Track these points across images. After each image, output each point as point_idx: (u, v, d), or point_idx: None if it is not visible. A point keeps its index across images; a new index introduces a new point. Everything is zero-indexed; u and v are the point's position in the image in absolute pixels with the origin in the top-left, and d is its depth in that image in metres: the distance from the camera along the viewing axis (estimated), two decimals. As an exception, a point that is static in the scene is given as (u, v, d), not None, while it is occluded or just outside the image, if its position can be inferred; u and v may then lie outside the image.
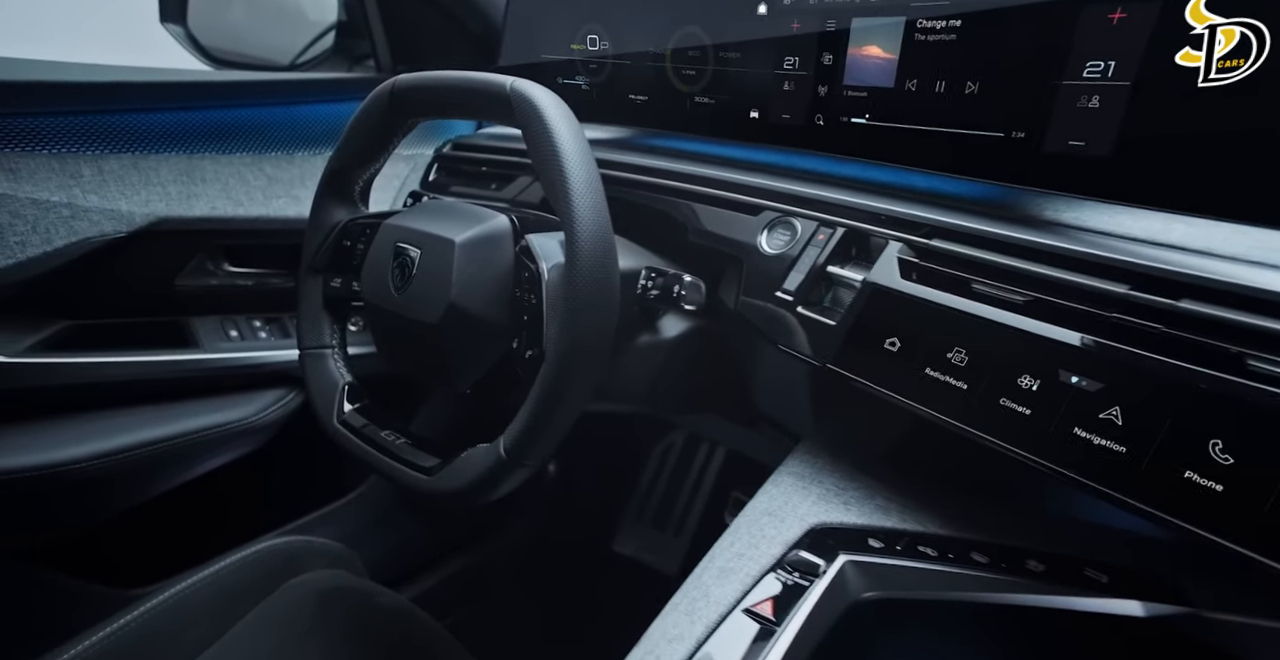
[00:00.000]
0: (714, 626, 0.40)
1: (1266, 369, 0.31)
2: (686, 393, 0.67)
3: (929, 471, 0.49)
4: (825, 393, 0.55)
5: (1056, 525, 0.42)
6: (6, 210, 0.60)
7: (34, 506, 0.66)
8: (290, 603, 0.65)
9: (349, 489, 0.96)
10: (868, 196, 0.50)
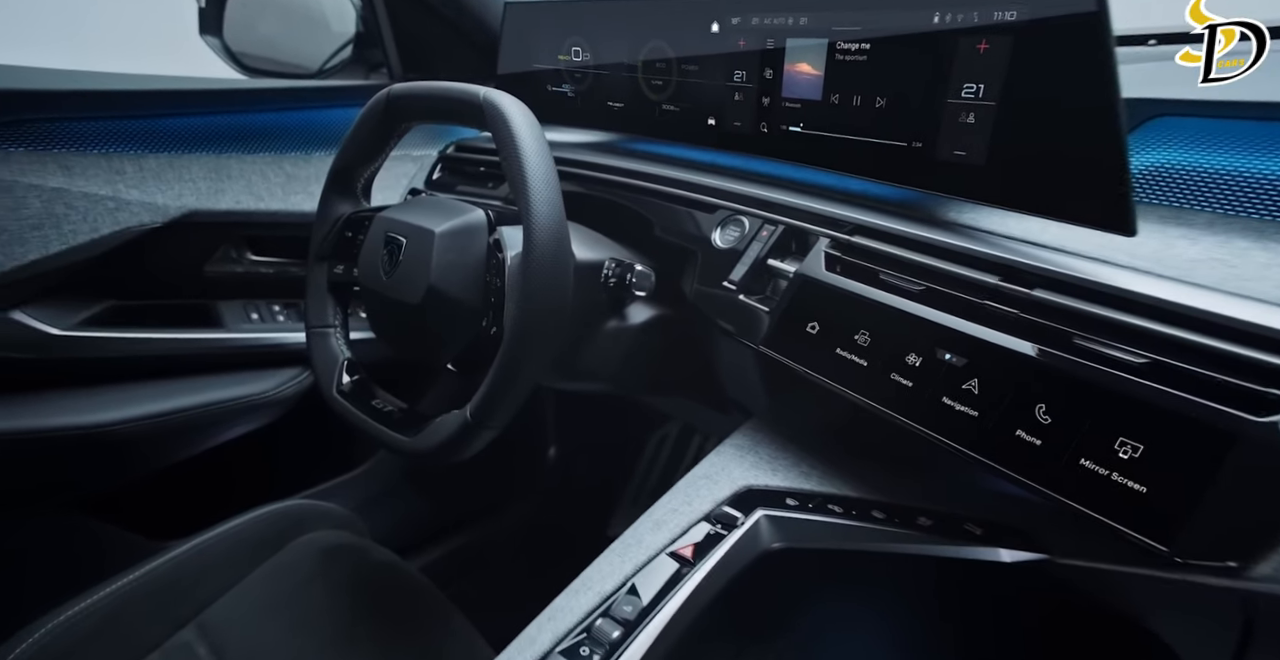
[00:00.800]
0: (641, 566, 0.46)
1: (1087, 346, 0.37)
2: (654, 376, 0.73)
3: (854, 444, 0.55)
4: (772, 374, 0.61)
5: (948, 487, 0.48)
6: (62, 202, 0.69)
7: (79, 462, 0.75)
8: (296, 557, 0.73)
9: (358, 462, 1.05)
10: (805, 197, 0.56)
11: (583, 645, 0.41)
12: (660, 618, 0.42)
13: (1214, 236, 0.41)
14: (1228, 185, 0.43)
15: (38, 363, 0.72)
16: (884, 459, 0.52)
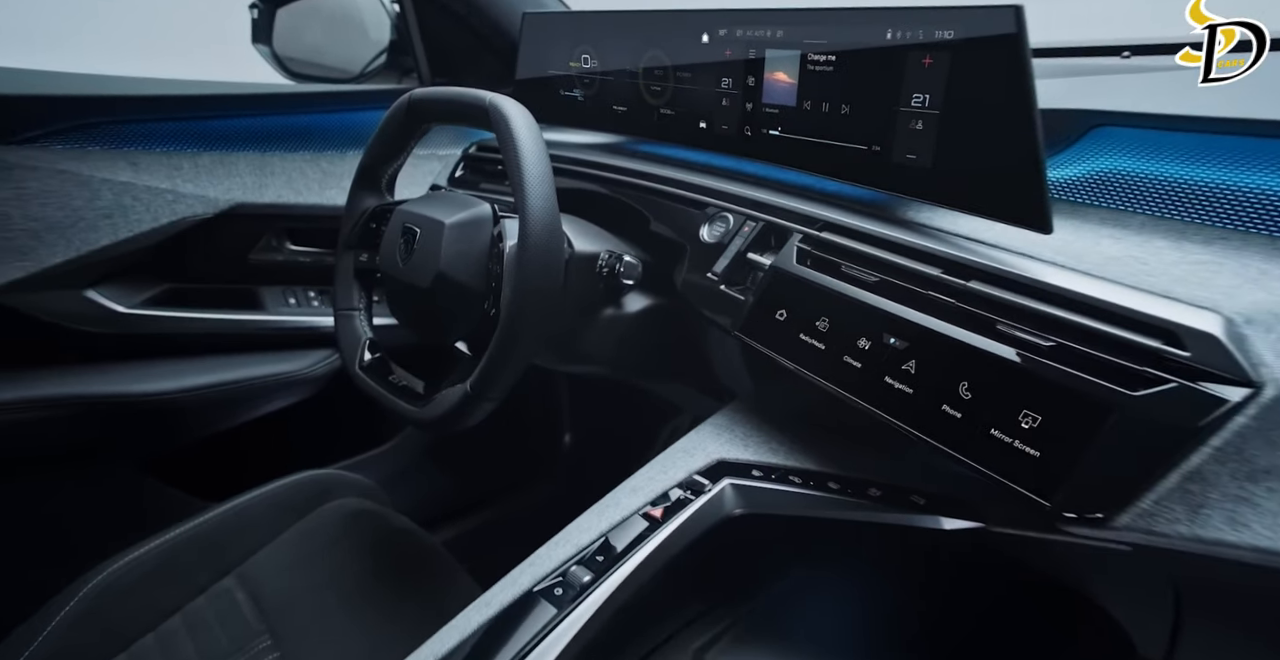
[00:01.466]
0: (616, 524, 0.52)
1: (1006, 331, 0.41)
2: (650, 362, 0.78)
3: (821, 424, 0.60)
4: (754, 362, 0.65)
5: (898, 463, 0.52)
6: (129, 194, 0.78)
7: (138, 426, 0.84)
8: (323, 521, 0.81)
9: (385, 439, 1.13)
10: (783, 196, 0.61)
11: (557, 587, 0.47)
12: (627, 567, 0.48)
13: (1138, 237, 0.44)
14: (1159, 191, 0.46)
15: (106, 337, 0.81)
16: (845, 438, 0.57)
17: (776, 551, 0.57)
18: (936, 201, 0.49)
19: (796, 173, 0.61)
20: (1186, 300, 0.37)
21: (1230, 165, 0.44)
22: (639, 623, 0.50)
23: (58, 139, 0.77)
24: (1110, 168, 0.49)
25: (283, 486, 0.83)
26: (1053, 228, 0.42)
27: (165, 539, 0.75)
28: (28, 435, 0.78)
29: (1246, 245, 0.41)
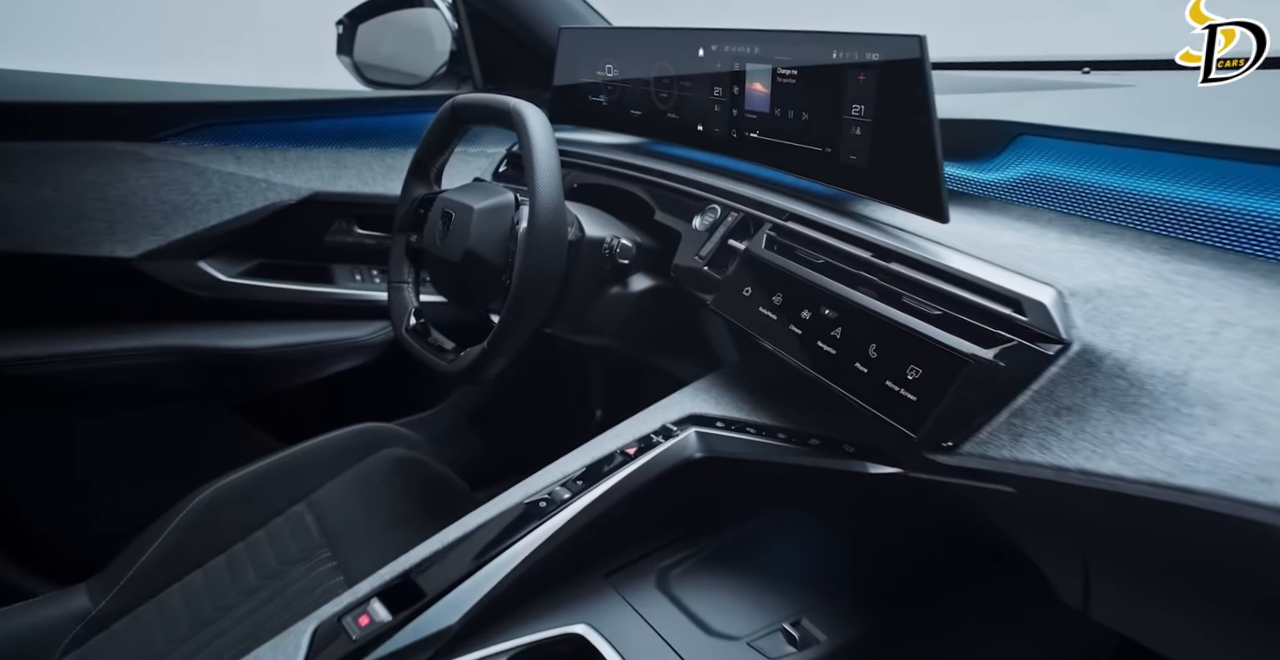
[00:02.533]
0: (598, 459, 0.63)
1: (908, 302, 0.49)
2: (653, 337, 0.89)
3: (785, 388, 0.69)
4: (737, 336, 0.75)
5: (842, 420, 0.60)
6: (232, 183, 0.95)
7: (232, 375, 1.02)
8: (376, 465, 0.95)
9: (433, 404, 1.28)
10: (761, 190, 0.70)
11: (541, 501, 0.59)
12: (598, 489, 0.59)
13: (1038, 229, 0.52)
14: (1068, 192, 0.53)
15: (210, 300, 0.98)
16: (800, 398, 0.65)
17: (739, 496, 0.67)
18: (871, 196, 0.58)
19: (773, 170, 0.70)
20: (1039, 278, 0.45)
21: (1125, 172, 0.51)
22: (610, 540, 0.61)
23: (183, 137, 0.94)
24: (1032, 171, 0.56)
25: (345, 434, 0.98)
26: (949, 218, 0.50)
27: (252, 470, 0.91)
28: (148, 377, 0.96)
29: (1121, 238, 0.48)
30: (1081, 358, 0.41)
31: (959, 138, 0.61)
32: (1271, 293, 0.40)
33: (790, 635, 0.56)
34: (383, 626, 0.49)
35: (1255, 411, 0.36)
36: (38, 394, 0.90)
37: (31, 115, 0.86)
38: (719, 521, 0.69)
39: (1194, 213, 0.46)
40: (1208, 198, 0.46)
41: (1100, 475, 0.39)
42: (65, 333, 0.91)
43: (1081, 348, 0.42)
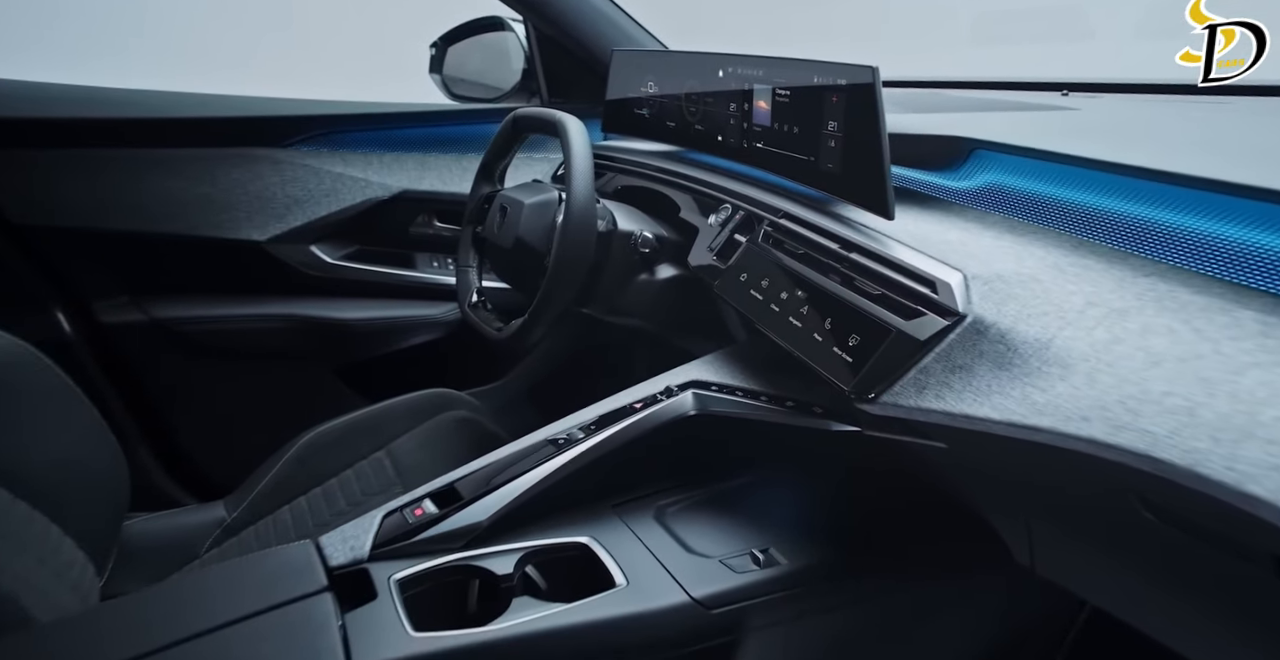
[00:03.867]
0: (608, 410, 0.76)
1: (859, 284, 0.60)
2: (677, 319, 1.01)
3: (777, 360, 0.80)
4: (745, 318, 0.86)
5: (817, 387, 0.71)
6: (339, 181, 1.15)
7: (331, 341, 1.22)
8: (443, 422, 1.12)
9: (496, 378, 1.45)
10: (763, 192, 0.82)
11: (560, 439, 0.73)
12: (606, 432, 0.72)
13: (981, 228, 0.61)
14: (1015, 199, 0.62)
15: (319, 278, 1.19)
16: (788, 371, 0.76)
17: (734, 450, 0.79)
18: (843, 198, 0.68)
19: (773, 175, 0.82)
20: (957, 266, 0.55)
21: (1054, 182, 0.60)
22: (617, 479, 0.74)
23: (304, 143, 1.15)
24: (989, 180, 0.65)
25: (419, 396, 1.16)
26: (894, 216, 0.61)
27: (345, 420, 1.10)
28: (270, 339, 1.18)
29: (1043, 237, 0.57)
30: (973, 327, 0.51)
31: (930, 150, 0.71)
32: (1134, 282, 0.49)
33: (757, 558, 0.67)
34: (431, 517, 0.65)
35: (1093, 370, 0.45)
36: (193, 347, 1.13)
37: (197, 127, 1.09)
38: (716, 474, 0.81)
39: (1100, 218, 0.55)
40: (1109, 205, 0.54)
41: (977, 418, 0.49)
42: (213, 299, 1.13)
43: (974, 319, 0.52)
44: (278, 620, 0.51)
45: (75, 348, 1.05)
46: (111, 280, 1.09)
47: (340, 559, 0.59)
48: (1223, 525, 0.41)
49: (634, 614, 0.59)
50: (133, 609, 0.52)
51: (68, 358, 0.75)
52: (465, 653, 0.52)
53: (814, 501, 0.78)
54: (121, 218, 1.05)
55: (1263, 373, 0.39)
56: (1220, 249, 0.46)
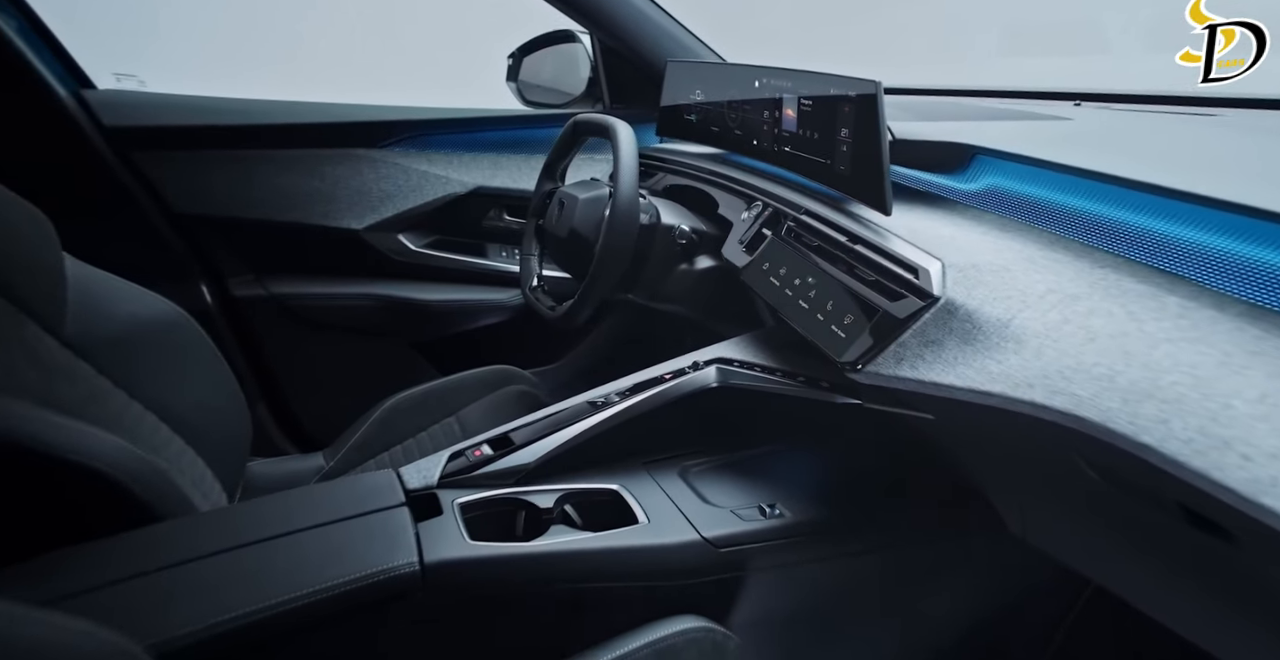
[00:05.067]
0: (642, 380, 0.87)
1: (859, 271, 0.69)
2: (713, 305, 1.11)
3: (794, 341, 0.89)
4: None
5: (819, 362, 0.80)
6: (423, 178, 1.31)
7: (411, 320, 1.39)
8: (506, 395, 1.26)
9: (556, 359, 1.59)
10: (789, 190, 0.91)
11: (598, 401, 0.85)
12: (638, 397, 0.83)
13: (972, 225, 0.68)
14: (1009, 198, 0.69)
15: (404, 263, 1.36)
16: (804, 352, 0.85)
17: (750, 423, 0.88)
18: (853, 197, 0.77)
19: (798, 176, 0.91)
20: (940, 256, 0.63)
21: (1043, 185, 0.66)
22: (645, 437, 0.84)
23: (396, 144, 1.32)
24: (990, 183, 0.72)
25: (485, 371, 1.30)
26: (891, 212, 0.69)
27: (421, 389, 1.25)
28: (363, 315, 1.36)
29: (1027, 233, 0.64)
30: (945, 308, 0.60)
31: (939, 155, 0.78)
32: (1091, 272, 0.56)
33: (764, 510, 0.77)
34: (487, 457, 0.78)
35: (1041, 345, 0.53)
36: (301, 320, 1.32)
37: (312, 131, 1.27)
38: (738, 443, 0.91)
39: (1075, 217, 0.62)
40: (1084, 206, 0.61)
41: (943, 385, 0.57)
42: (318, 278, 1.32)
43: (947, 301, 0.60)
44: (369, 522, 0.65)
45: (213, 316, 1.25)
46: (242, 261, 1.29)
47: (415, 484, 0.72)
48: (1139, 478, 0.48)
49: (650, 545, 0.70)
50: (256, 508, 0.68)
51: (207, 323, 0.92)
52: (508, 560, 0.65)
53: (823, 470, 0.87)
54: (251, 208, 1.24)
55: (1171, 347, 0.46)
56: (1162, 244, 0.53)
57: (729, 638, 0.67)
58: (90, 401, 0.73)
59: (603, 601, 0.68)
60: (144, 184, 1.18)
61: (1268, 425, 0.39)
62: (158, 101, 1.22)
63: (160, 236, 1.21)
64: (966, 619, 0.84)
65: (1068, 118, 0.80)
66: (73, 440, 0.58)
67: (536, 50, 1.53)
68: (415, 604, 0.60)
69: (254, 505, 0.69)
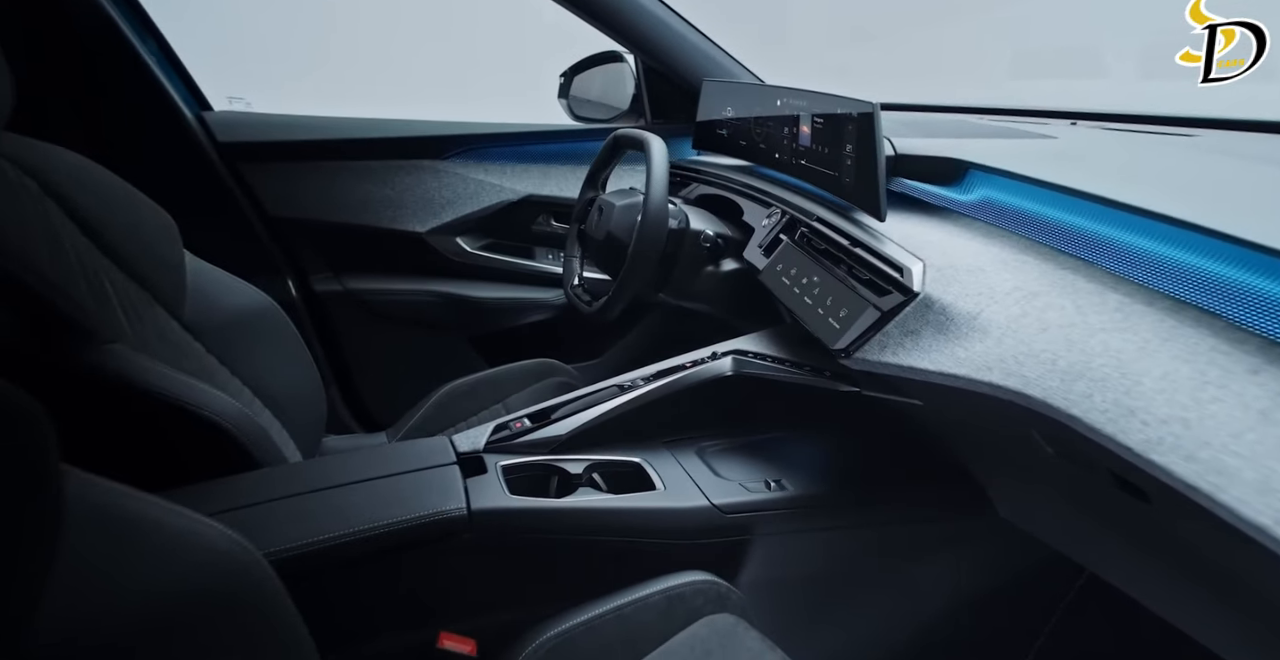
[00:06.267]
0: (665, 367, 0.98)
1: (855, 271, 0.78)
2: (738, 305, 1.20)
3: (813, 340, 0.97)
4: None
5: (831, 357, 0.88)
6: (480, 187, 1.46)
7: (467, 315, 1.53)
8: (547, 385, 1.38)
9: (597, 355, 1.71)
10: (805, 199, 1.00)
11: (625, 384, 0.95)
12: (660, 382, 0.93)
13: (959, 231, 0.76)
14: (997, 209, 0.77)
15: (461, 264, 1.50)
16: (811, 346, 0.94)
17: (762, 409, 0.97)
18: (856, 205, 0.86)
19: (812, 186, 1.00)
20: (922, 257, 0.71)
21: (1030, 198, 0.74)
22: (663, 417, 0.95)
23: (456, 156, 1.47)
24: (982, 195, 0.80)
25: (530, 364, 1.43)
26: (885, 219, 0.77)
27: (472, 377, 1.38)
28: (424, 310, 1.50)
29: (1006, 240, 0.72)
30: (923, 303, 0.68)
31: (939, 168, 0.86)
32: (1053, 273, 0.63)
33: (769, 484, 0.86)
34: (527, 428, 0.89)
35: (1002, 334, 0.61)
36: (370, 312, 1.48)
37: (385, 144, 1.44)
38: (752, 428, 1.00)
39: (1048, 226, 0.69)
40: (1057, 216, 0.68)
41: (919, 369, 0.66)
42: (386, 276, 1.48)
43: (925, 296, 0.68)
44: (428, 476, 0.77)
45: (297, 307, 1.42)
46: (323, 259, 1.46)
47: (464, 448, 0.85)
48: (1077, 447, 0.55)
49: (665, 508, 0.80)
50: (339, 459, 0.81)
51: (291, 313, 1.07)
52: (541, 512, 0.76)
53: (827, 452, 0.95)
54: (332, 212, 1.41)
55: (1105, 335, 0.54)
56: (1111, 249, 0.60)
57: (732, 591, 0.76)
58: (203, 374, 0.88)
59: (621, 554, 0.78)
60: (246, 191, 1.36)
61: (1164, 397, 0.46)
62: (261, 121, 1.40)
63: (257, 236, 1.39)
64: (957, 597, 0.91)
65: (1053, 136, 0.86)
66: (201, 398, 0.72)
67: (585, 70, 1.66)
68: (463, 542, 0.72)
69: (336, 458, 0.83)
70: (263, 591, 0.44)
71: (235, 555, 0.43)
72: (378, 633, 0.72)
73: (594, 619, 0.69)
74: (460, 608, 0.75)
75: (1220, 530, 0.39)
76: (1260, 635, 0.55)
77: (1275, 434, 0.40)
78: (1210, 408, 0.43)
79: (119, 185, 0.85)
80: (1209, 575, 0.55)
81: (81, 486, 0.36)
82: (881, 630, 0.89)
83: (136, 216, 0.85)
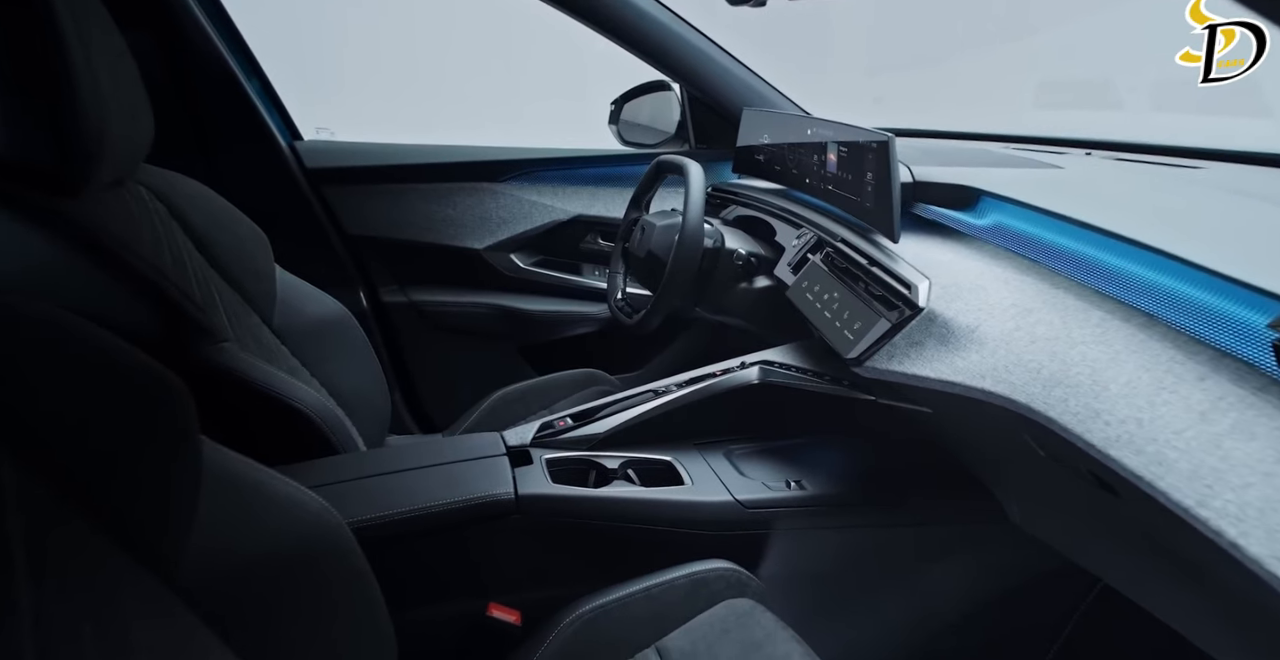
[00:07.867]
0: (698, 374, 1.06)
1: (869, 287, 0.85)
2: (770, 319, 1.28)
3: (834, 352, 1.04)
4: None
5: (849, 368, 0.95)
6: (534, 207, 1.58)
7: (519, 326, 1.64)
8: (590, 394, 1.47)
9: (638, 367, 1.80)
10: (831, 221, 1.07)
11: (660, 389, 1.04)
12: (692, 388, 1.02)
13: (969, 252, 0.82)
14: (1007, 233, 0.83)
15: (514, 279, 1.62)
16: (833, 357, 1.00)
17: (787, 416, 1.04)
18: (877, 229, 0.93)
19: (838, 209, 1.07)
20: (929, 275, 0.78)
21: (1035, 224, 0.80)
22: (694, 420, 1.02)
23: (512, 179, 1.60)
24: (994, 220, 0.86)
25: (576, 373, 1.53)
26: (898, 240, 0.84)
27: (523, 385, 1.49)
28: (480, 321, 1.63)
29: (1009, 260, 0.78)
30: (927, 317, 0.74)
31: (955, 195, 0.92)
32: (1047, 291, 0.69)
33: (790, 483, 0.93)
34: (570, 426, 0.99)
35: (996, 346, 0.67)
36: (431, 323, 1.62)
37: (448, 168, 1.58)
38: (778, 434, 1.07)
39: (1050, 250, 0.75)
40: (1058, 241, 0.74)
41: (921, 376, 0.72)
42: (446, 289, 1.61)
43: (929, 311, 0.75)
44: (482, 464, 0.87)
45: (367, 316, 1.57)
46: (390, 272, 1.60)
47: (513, 442, 0.95)
48: (1060, 449, 0.61)
49: (691, 501, 0.88)
50: (397, 451, 0.92)
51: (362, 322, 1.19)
52: (580, 499, 0.85)
53: (846, 458, 1.01)
54: (400, 230, 1.56)
55: (1085, 347, 0.60)
56: (1100, 270, 0.66)
57: (752, 578, 0.83)
58: (290, 372, 1.01)
59: (651, 541, 0.86)
60: (327, 211, 1.52)
61: (1125, 400, 0.52)
62: (343, 149, 1.56)
63: (335, 252, 1.55)
64: (972, 600, 0.95)
65: (1060, 166, 0.92)
66: (294, 392, 0.85)
67: (635, 98, 1.77)
68: (511, 523, 0.82)
69: (402, 448, 0.94)
70: (344, 550, 0.54)
71: (325, 518, 0.54)
72: (435, 600, 0.82)
73: (625, 597, 0.77)
74: (507, 582, 0.84)
75: (1163, 514, 0.45)
76: (1250, 630, 0.59)
77: (1209, 431, 0.45)
78: (1160, 409, 0.49)
79: (225, 206, 0.99)
80: (1189, 574, 0.59)
81: (212, 452, 0.47)
82: (894, 627, 0.94)
83: (238, 234, 0.99)
